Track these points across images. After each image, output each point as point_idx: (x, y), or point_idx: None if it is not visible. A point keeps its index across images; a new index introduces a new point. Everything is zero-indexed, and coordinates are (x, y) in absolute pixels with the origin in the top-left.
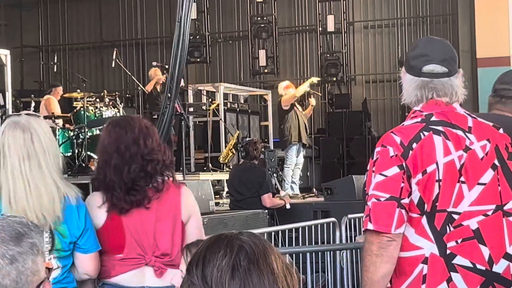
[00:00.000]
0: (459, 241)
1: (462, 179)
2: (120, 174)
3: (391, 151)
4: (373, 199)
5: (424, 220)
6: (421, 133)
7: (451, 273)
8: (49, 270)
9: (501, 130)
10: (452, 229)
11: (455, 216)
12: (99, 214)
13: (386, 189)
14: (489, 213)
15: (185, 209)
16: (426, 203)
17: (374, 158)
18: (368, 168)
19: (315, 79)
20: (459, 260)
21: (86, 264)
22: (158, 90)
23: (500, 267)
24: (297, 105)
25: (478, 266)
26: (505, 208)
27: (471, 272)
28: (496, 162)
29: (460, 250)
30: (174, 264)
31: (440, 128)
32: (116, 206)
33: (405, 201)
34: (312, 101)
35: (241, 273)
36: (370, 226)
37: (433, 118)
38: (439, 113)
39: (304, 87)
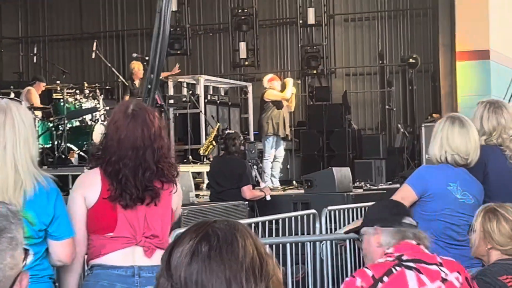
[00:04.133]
0: None
1: None
2: (135, 175)
3: (358, 281)
4: None
5: None
6: (393, 269)
7: None
8: (25, 252)
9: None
10: None
11: None
12: (92, 193)
13: None
14: None
15: (176, 197)
16: None
17: None
18: None
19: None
20: None
21: (58, 251)
22: (137, 85)
23: None
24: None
25: None
26: None
27: None
28: None
29: None
30: (163, 247)
31: (412, 264)
32: (124, 201)
33: None
34: (293, 89)
35: (200, 259)
36: None
37: (405, 257)
38: (410, 253)
39: (290, 90)
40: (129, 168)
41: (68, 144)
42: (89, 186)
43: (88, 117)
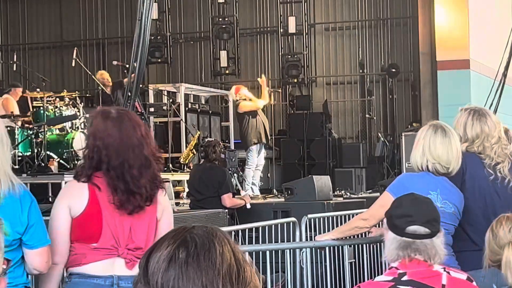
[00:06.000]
0: None
1: None
2: (141, 174)
3: None
4: None
5: None
6: None
7: None
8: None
9: (474, 283)
10: None
11: None
12: (79, 203)
13: None
14: None
15: (159, 206)
16: None
17: None
18: None
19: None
20: None
21: (33, 259)
22: (108, 92)
23: None
24: None
25: None
26: None
27: None
28: None
29: None
30: None
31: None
32: (131, 205)
33: None
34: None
35: (177, 265)
36: None
37: (405, 278)
38: (413, 272)
39: (265, 95)
40: (135, 168)
41: (48, 152)
42: (76, 196)
43: (68, 125)
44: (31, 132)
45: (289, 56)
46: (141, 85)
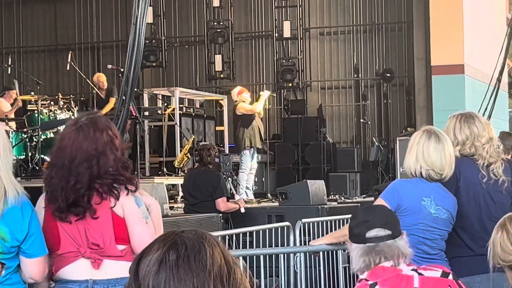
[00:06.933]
0: None
1: None
2: (64, 185)
3: None
4: None
5: None
6: None
7: None
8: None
9: (450, 276)
10: None
11: None
12: (41, 215)
13: None
14: None
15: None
16: None
17: None
18: None
19: (266, 94)
20: None
21: (30, 268)
22: (102, 96)
23: None
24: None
25: None
26: None
27: None
28: None
29: None
30: (108, 255)
31: None
32: (57, 215)
33: None
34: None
35: (168, 267)
36: None
37: (377, 287)
38: (384, 280)
39: (262, 104)
40: (60, 177)
41: (42, 156)
42: (39, 210)
43: (62, 128)
44: (25, 136)
45: (284, 61)
46: (135, 89)
